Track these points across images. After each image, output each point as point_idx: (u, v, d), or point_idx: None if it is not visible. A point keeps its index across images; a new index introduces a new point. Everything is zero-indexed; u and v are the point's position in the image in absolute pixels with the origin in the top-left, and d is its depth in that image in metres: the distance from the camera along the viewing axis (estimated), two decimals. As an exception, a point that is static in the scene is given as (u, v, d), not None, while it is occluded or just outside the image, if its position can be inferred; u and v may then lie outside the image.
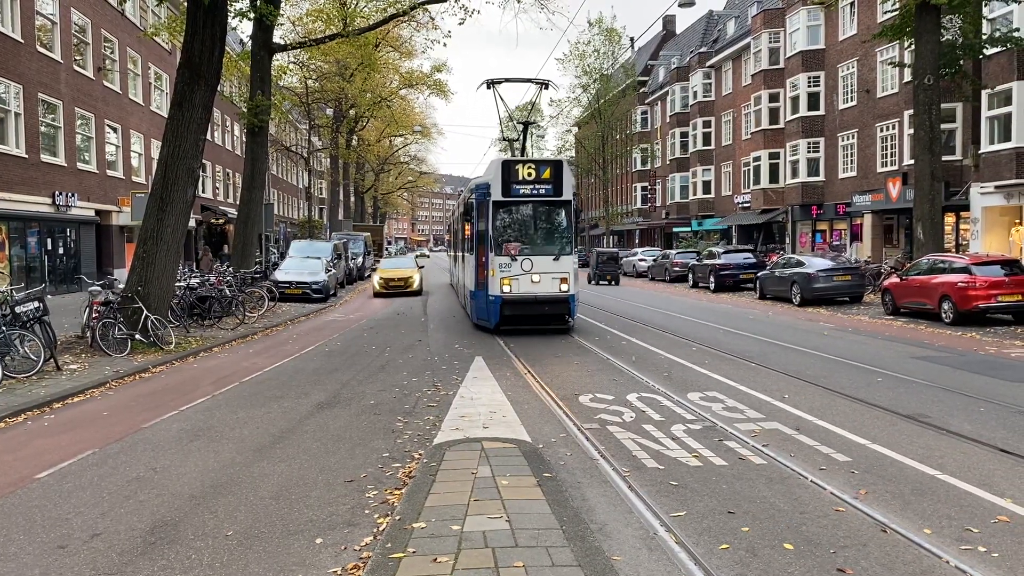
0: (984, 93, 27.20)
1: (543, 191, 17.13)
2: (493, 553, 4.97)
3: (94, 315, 14.89)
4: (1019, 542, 5.38)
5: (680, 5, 31.28)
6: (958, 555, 5.15)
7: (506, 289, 16.92)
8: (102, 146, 30.96)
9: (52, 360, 12.82)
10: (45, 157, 26.43)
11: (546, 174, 17.13)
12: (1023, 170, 26.07)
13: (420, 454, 7.63)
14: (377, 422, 9.27)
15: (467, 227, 20.05)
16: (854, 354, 14.13)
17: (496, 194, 17.05)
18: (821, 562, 5.08)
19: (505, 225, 17.31)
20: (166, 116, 16.83)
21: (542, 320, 17.79)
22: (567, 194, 17.29)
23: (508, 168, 17.19)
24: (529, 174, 17.04)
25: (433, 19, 28.16)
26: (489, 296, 17.29)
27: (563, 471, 7.10)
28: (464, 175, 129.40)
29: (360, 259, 42.43)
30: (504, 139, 24.59)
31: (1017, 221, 28.20)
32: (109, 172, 31.59)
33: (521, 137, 24.38)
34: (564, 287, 17.15)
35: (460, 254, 24.62)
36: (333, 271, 30.44)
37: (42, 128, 26.39)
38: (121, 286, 16.31)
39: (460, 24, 27.81)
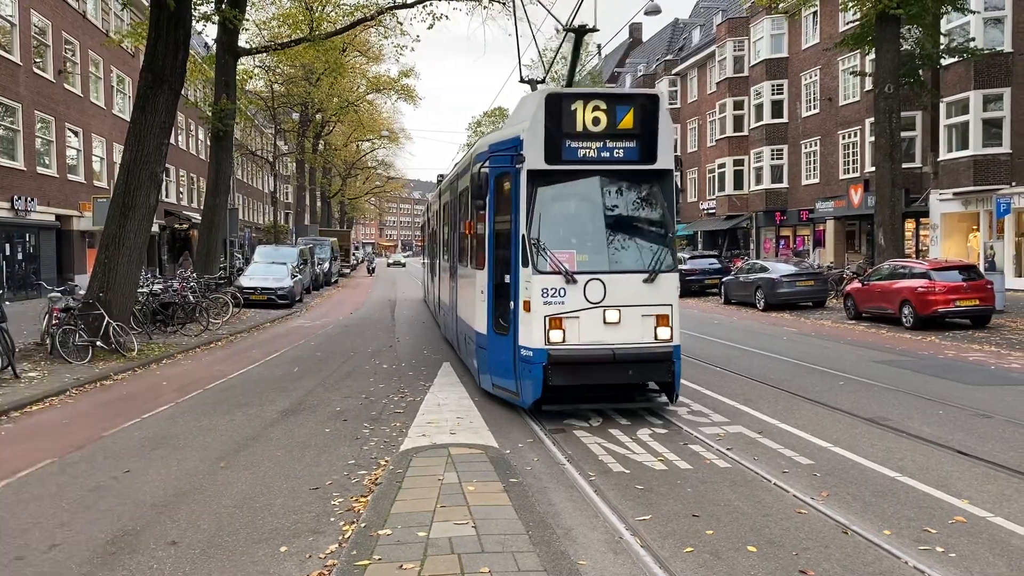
0: (942, 102, 27.78)
1: (623, 152, 9.55)
2: (459, 559, 4.97)
3: (54, 322, 14.61)
4: (976, 542, 5.49)
5: (646, 13, 31.61)
6: (917, 556, 5.24)
7: (556, 337, 9.22)
8: (63, 150, 30.44)
9: (10, 368, 12.55)
10: (3, 161, 25.91)
11: (627, 120, 9.50)
12: (980, 177, 26.66)
13: (386, 461, 7.60)
14: (343, 429, 9.22)
15: (469, 222, 12.05)
16: (817, 358, 14.33)
17: (535, 157, 9.41)
18: (783, 564, 5.15)
19: (553, 216, 9.72)
20: (129, 120, 16.60)
21: (621, 393, 10.25)
22: (665, 159, 9.74)
23: (560, 106, 9.42)
24: (596, 119, 9.41)
25: (401, 24, 28.10)
26: (521, 350, 9.51)
27: (530, 476, 7.12)
28: (433, 180, 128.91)
29: (327, 264, 42.15)
30: (524, 80, 15.48)
31: (974, 227, 28.82)
32: (70, 176, 31.05)
33: (570, 59, 13.65)
34: (664, 332, 9.42)
35: (449, 266, 15.40)
36: (299, 277, 30.19)
37: (0, 131, 25.89)
38: (82, 292, 16.03)
39: (429, 28, 27.71)
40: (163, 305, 19.15)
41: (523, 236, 9.42)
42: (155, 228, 34.12)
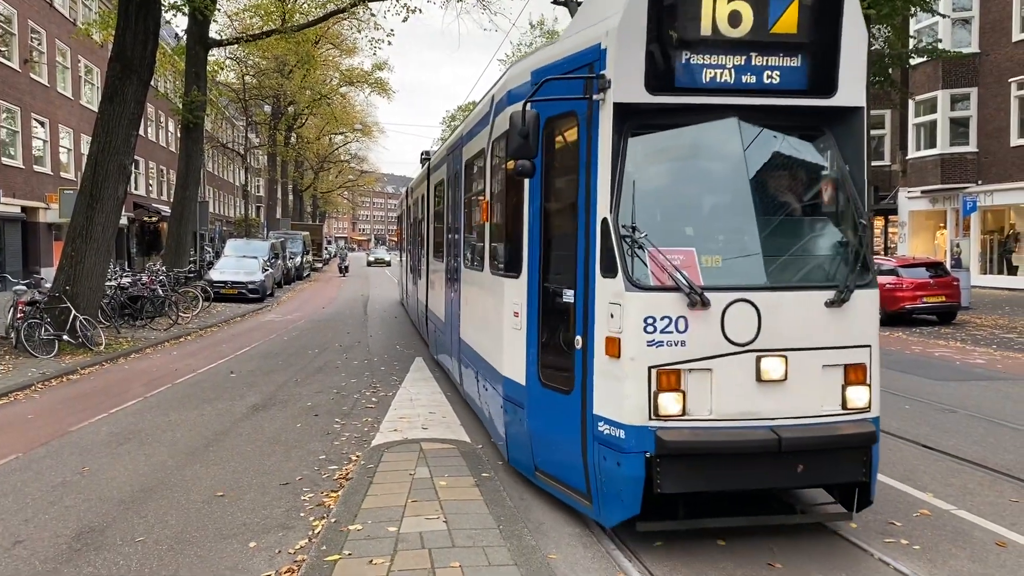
0: (911, 101, 28.17)
1: (779, 75, 5.50)
2: (430, 554, 4.97)
3: (19, 315, 14.39)
4: (939, 535, 5.59)
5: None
6: (882, 548, 5.32)
7: (670, 406, 5.20)
8: (29, 141, 29.93)
9: (-27, 362, 12.35)
10: (-33, 151, 25.45)
11: (788, 19, 5.42)
12: (947, 176, 27.09)
13: (358, 456, 7.57)
14: (314, 424, 9.16)
15: (487, 202, 8.09)
16: (787, 354, 14.45)
17: (629, 82, 5.37)
18: (751, 557, 5.20)
19: (659, 188, 5.83)
20: (97, 111, 16.36)
21: (772, 500, 6.08)
22: (852, 88, 5.66)
23: None
24: (735, 15, 5.35)
25: (375, 16, 27.94)
26: (600, 424, 5.48)
27: (501, 471, 7.11)
28: (407, 175, 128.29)
29: (298, 259, 41.88)
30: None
31: (941, 225, 29.28)
32: (36, 168, 30.55)
33: None
34: (858, 395, 5.45)
35: (446, 267, 11.30)
36: (270, 271, 29.96)
37: (-36, 121, 25.41)
38: (48, 285, 15.79)
39: (404, 21, 27.59)
40: (131, 299, 18.90)
41: (605, 222, 5.37)
42: (124, 221, 33.70)
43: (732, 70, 5.42)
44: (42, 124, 31.23)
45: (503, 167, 6.85)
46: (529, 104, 5.58)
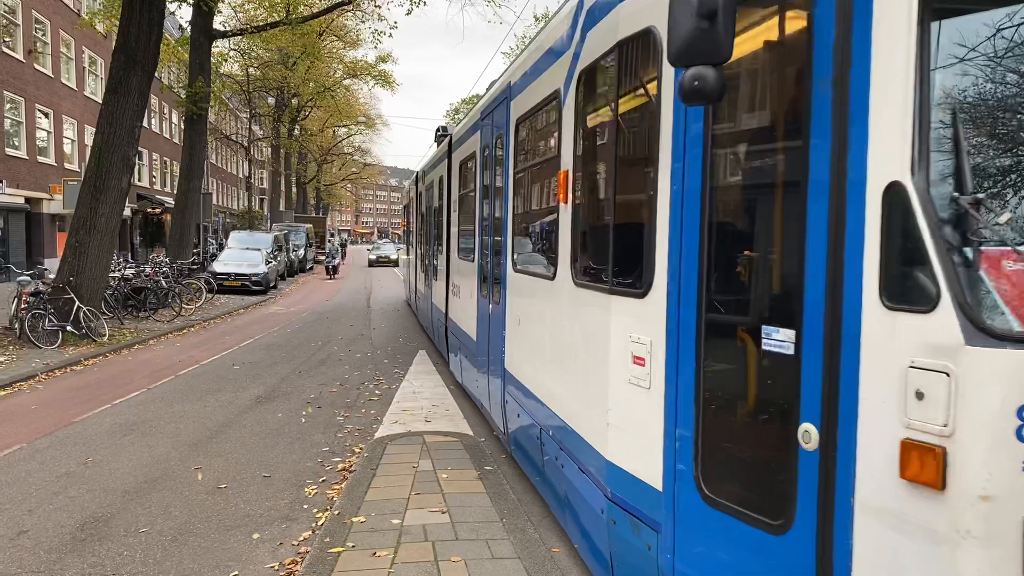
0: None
1: None
2: (433, 547, 4.97)
3: (23, 306, 14.39)
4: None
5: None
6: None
7: None
8: (33, 132, 29.93)
9: (-23, 352, 12.36)
10: (-29, 142, 25.45)
11: None
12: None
13: (361, 448, 7.58)
14: (317, 416, 9.17)
15: (564, 173, 4.82)
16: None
17: None
18: (755, 552, 5.18)
19: (998, 127, 2.57)
20: (101, 102, 16.36)
21: None
22: None
23: None
24: None
25: (379, 8, 27.83)
26: None
27: (504, 464, 7.12)
28: (410, 167, 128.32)
29: (302, 251, 41.90)
30: None
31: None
32: (40, 158, 30.56)
33: None
34: None
35: (487, 269, 7.90)
36: (273, 263, 29.99)
37: (-32, 111, 25.41)
38: (52, 276, 15.81)
39: (408, 14, 27.36)
40: (135, 290, 18.92)
41: (896, 190, 2.54)
42: (127, 212, 33.75)
43: None
44: (46, 115, 31.23)
45: (609, 106, 4.29)
46: None
